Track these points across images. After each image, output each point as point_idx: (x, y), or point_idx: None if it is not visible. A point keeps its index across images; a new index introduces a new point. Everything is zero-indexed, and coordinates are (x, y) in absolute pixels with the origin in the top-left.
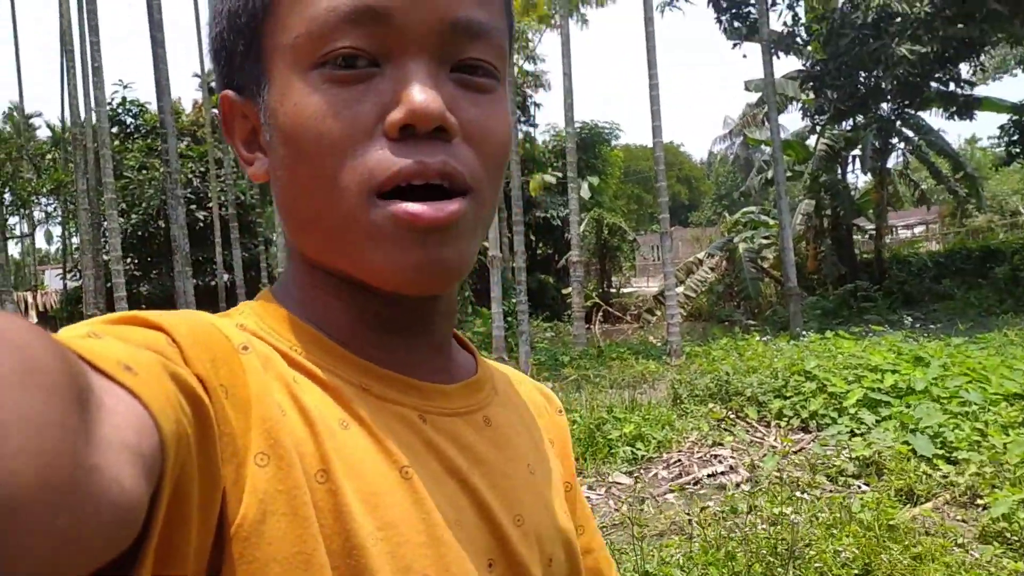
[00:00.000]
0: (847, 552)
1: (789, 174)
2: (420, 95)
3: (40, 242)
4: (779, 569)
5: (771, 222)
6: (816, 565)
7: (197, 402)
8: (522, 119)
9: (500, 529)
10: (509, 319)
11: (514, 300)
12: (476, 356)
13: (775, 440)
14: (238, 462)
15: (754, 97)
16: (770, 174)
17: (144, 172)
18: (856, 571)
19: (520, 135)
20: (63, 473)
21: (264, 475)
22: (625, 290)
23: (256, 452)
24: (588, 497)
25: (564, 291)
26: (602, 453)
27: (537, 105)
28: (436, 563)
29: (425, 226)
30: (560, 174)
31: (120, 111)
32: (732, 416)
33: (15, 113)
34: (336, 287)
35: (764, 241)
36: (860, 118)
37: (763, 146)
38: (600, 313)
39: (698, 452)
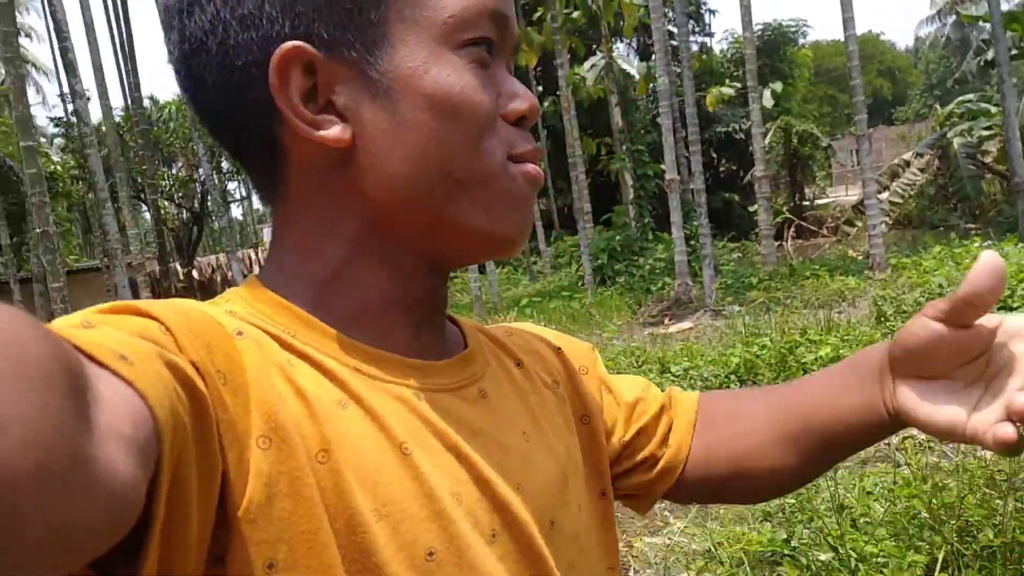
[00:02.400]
0: None
1: (1014, 52)
2: (529, 93)
3: (256, 203)
4: (997, 500)
5: (993, 110)
6: None
7: (193, 390)
8: (696, 29)
9: (501, 500)
10: (692, 243)
11: (695, 223)
12: (463, 328)
13: None
14: (240, 447)
15: None
16: (990, 55)
17: None
18: None
19: (695, 47)
20: (61, 465)
21: (267, 458)
22: (820, 201)
23: (257, 436)
24: None
25: (751, 208)
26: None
27: (712, 12)
28: (439, 537)
29: (534, 193)
30: (739, 84)
31: None
32: None
33: None
34: (379, 263)
35: (985, 133)
36: None
37: (981, 23)
38: (792, 229)
39: None
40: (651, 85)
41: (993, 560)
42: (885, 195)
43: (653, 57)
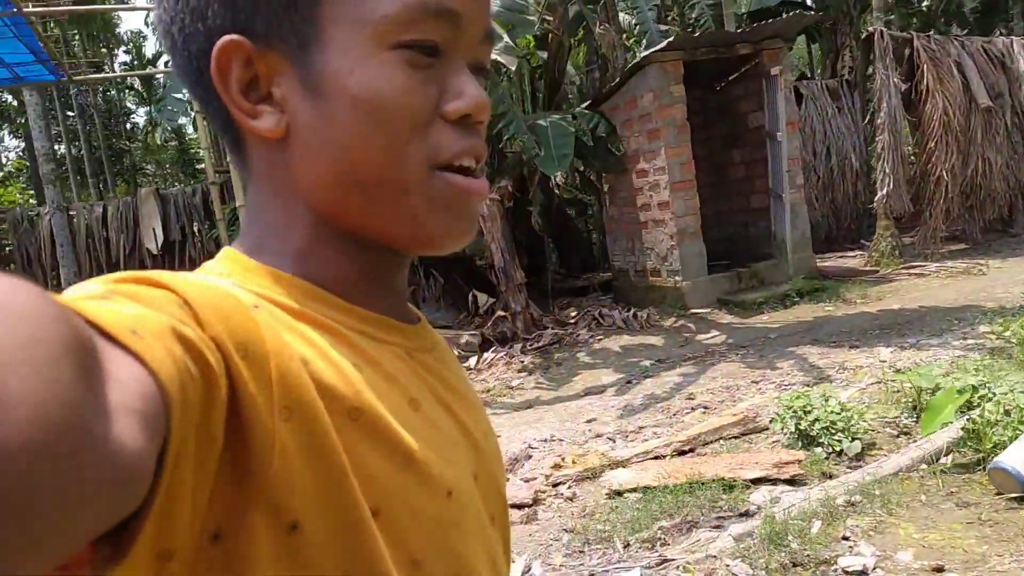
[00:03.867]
0: None
1: None
2: (478, 91)
3: None
4: None
5: None
6: None
7: (205, 365)
8: None
9: (478, 447)
10: None
11: None
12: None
13: None
14: (263, 419)
15: None
16: None
17: None
18: None
19: None
20: (70, 441)
21: (289, 428)
22: None
23: (280, 407)
24: None
25: None
26: None
27: None
28: (453, 480)
29: (476, 200)
30: None
31: None
32: None
33: None
34: (344, 243)
35: None
36: None
37: None
38: None
39: None
40: None
41: None
42: None
43: None
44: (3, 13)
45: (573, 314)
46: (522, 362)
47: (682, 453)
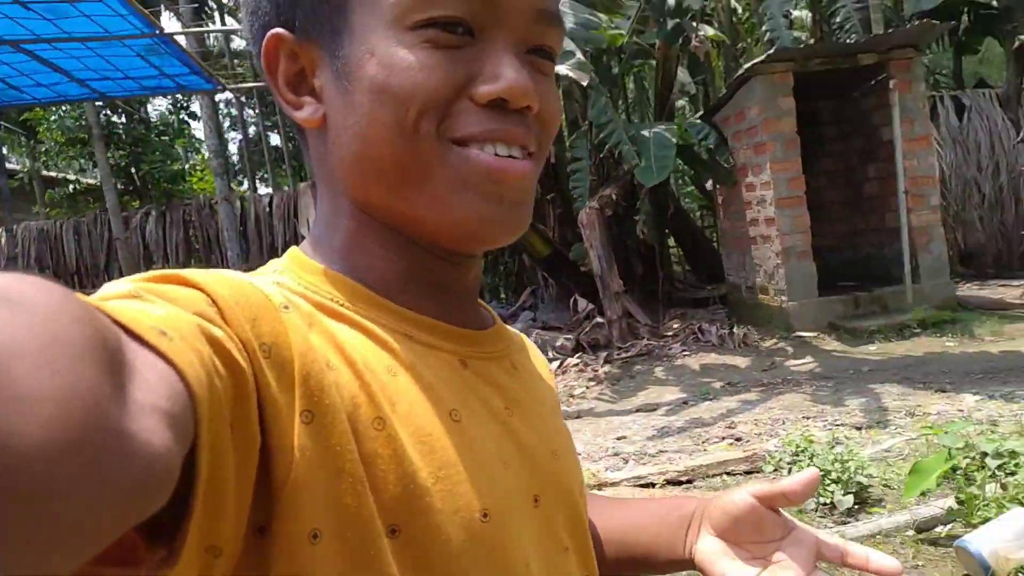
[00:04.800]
0: None
1: None
2: (517, 74)
3: None
4: None
5: None
6: None
7: (233, 364)
8: None
9: (541, 466)
10: None
11: None
12: (488, 309)
13: None
14: (283, 421)
15: None
16: None
17: None
18: None
19: None
20: (93, 441)
21: (309, 432)
22: None
23: (301, 410)
24: None
25: None
26: None
27: None
28: (491, 499)
29: (511, 181)
30: None
31: None
32: None
33: None
34: (386, 238)
35: None
36: None
37: None
38: None
39: None
40: None
41: None
42: None
43: None
44: (146, 35)
45: (675, 325)
46: (595, 371)
47: (678, 483)
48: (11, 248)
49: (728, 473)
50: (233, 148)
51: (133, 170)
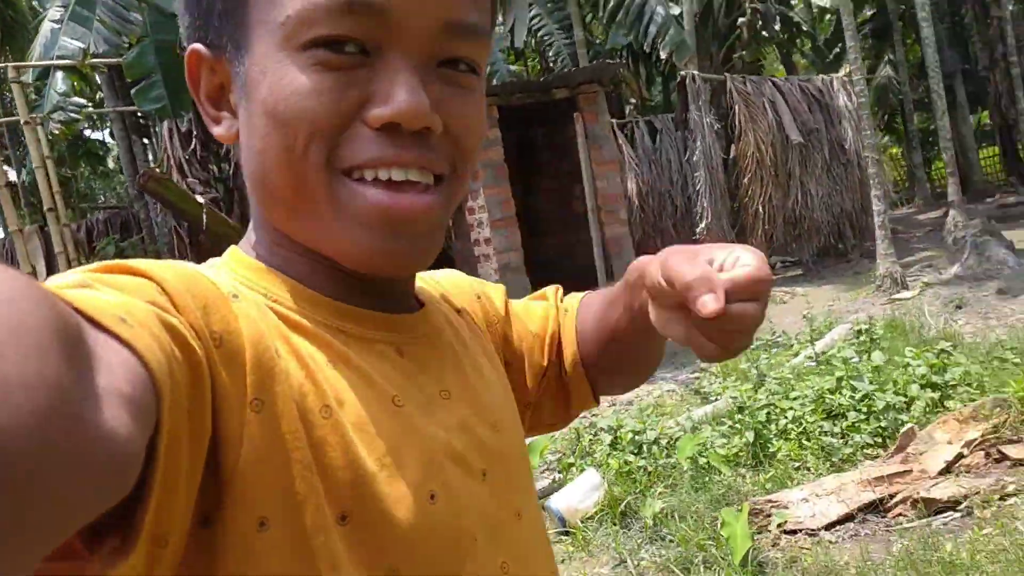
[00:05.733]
0: None
1: None
2: (409, 95)
3: None
4: None
5: None
6: None
7: (189, 352)
8: None
9: (484, 442)
10: None
11: None
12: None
13: None
14: (233, 409)
15: None
16: None
17: None
18: None
19: None
20: (61, 428)
21: (259, 420)
22: None
23: (252, 398)
24: None
25: None
26: None
27: None
28: (438, 480)
29: (405, 216)
30: None
31: None
32: None
33: None
34: (303, 250)
35: None
36: None
37: None
38: None
39: None
40: None
41: None
42: None
43: None
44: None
45: None
46: None
47: None
48: None
49: None
50: None
51: None
